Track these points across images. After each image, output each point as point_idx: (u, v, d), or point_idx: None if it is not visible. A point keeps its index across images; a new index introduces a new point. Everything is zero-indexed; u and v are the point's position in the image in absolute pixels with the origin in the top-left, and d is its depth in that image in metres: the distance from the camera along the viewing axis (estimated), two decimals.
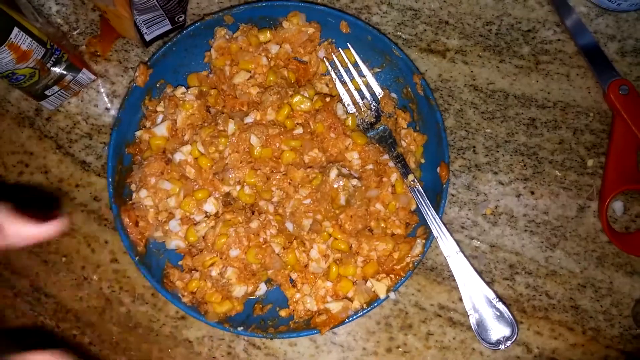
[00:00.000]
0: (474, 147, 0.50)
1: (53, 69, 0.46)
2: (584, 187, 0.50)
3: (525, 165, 0.50)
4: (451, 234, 0.45)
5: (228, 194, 0.45)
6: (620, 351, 0.47)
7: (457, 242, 0.45)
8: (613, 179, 0.48)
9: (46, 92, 0.47)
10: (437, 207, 0.44)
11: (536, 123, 0.51)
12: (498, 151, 0.50)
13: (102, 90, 0.51)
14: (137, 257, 0.43)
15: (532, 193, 0.50)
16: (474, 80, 0.51)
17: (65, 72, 0.47)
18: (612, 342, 0.47)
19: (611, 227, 0.48)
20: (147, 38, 0.50)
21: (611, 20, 0.52)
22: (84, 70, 0.49)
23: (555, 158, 0.50)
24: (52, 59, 0.45)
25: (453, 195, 0.49)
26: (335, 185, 0.43)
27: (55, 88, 0.47)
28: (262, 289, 0.46)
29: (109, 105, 0.51)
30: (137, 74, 0.45)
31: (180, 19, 0.51)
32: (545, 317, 0.48)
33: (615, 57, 0.51)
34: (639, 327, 0.47)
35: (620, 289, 0.48)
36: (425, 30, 0.52)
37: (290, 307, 0.45)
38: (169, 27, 0.51)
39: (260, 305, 0.45)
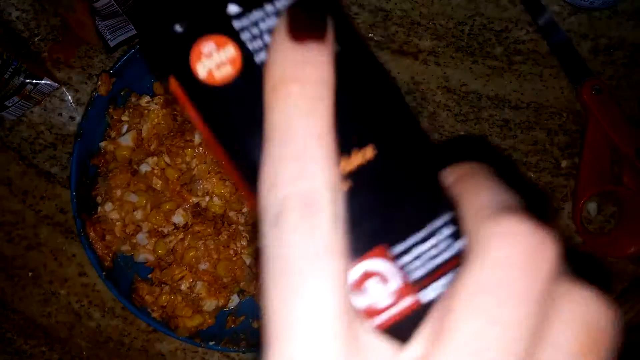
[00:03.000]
0: None
1: (11, 80, 0.44)
2: (558, 189, 0.49)
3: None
4: None
5: (197, 204, 0.44)
6: None
7: None
8: (587, 180, 0.48)
9: (6, 103, 0.46)
10: None
11: (510, 124, 0.50)
12: None
13: (66, 98, 0.50)
14: (104, 273, 0.42)
15: None
16: (447, 82, 0.50)
17: (25, 82, 0.46)
18: None
19: (585, 229, 0.48)
20: (111, 44, 0.49)
21: (584, 19, 0.51)
22: (46, 78, 0.47)
23: (530, 160, 0.50)
24: (9, 70, 0.43)
25: None
26: None
27: (16, 98, 0.46)
28: (235, 300, 0.45)
29: (73, 113, 0.50)
30: (99, 83, 0.44)
31: None
32: None
33: (588, 56, 0.51)
34: None
35: None
36: (397, 31, 0.51)
37: None
38: (134, 32, 0.49)
39: (233, 318, 0.45)
